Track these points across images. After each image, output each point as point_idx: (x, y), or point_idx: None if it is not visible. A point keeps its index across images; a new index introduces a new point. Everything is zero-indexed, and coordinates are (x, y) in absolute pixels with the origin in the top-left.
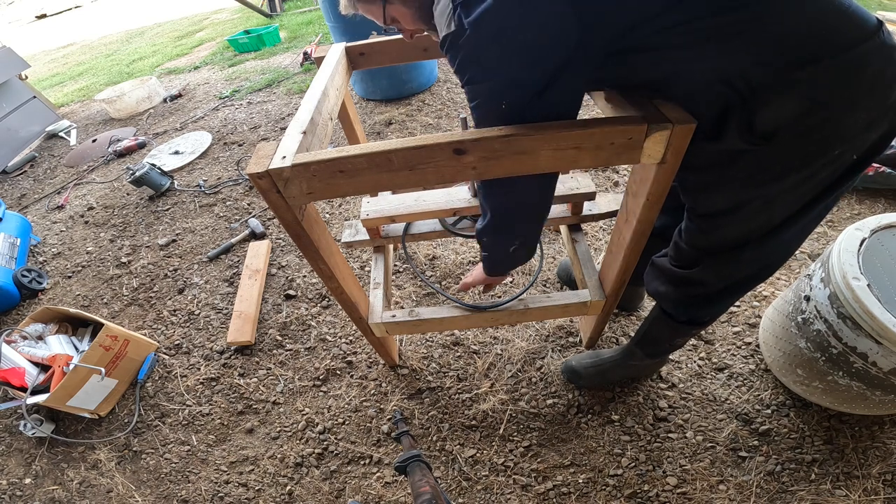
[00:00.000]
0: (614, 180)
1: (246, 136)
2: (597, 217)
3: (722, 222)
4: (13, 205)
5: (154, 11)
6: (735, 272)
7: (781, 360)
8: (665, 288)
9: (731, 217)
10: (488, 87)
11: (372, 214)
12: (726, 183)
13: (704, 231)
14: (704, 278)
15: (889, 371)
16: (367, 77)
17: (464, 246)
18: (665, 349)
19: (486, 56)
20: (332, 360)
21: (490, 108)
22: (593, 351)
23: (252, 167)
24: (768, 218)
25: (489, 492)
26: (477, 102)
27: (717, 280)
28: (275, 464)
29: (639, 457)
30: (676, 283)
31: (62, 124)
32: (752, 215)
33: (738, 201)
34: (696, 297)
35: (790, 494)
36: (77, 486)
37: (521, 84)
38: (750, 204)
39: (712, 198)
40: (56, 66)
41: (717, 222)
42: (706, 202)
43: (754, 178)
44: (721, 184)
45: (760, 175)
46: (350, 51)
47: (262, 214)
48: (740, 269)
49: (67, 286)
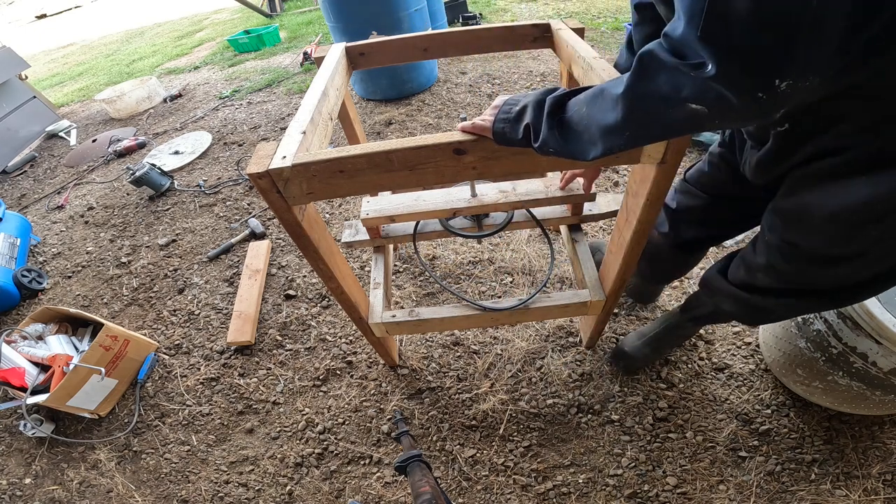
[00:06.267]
0: (614, 180)
1: (246, 136)
2: (597, 217)
3: (838, 269)
4: (13, 205)
5: (154, 11)
6: (824, 307)
7: (781, 360)
8: (729, 305)
9: (850, 263)
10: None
11: (372, 214)
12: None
13: (809, 274)
14: (777, 309)
15: (889, 371)
16: (367, 77)
17: (464, 246)
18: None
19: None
20: (332, 360)
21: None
22: (634, 332)
23: (252, 167)
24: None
25: (489, 492)
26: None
27: (794, 313)
28: (275, 464)
29: (639, 457)
30: (744, 306)
31: (62, 124)
32: (876, 264)
33: (873, 247)
34: (762, 318)
35: (790, 494)
36: (77, 486)
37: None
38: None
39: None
40: (56, 66)
41: (829, 268)
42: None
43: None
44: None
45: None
46: (350, 51)
47: (262, 214)
48: (834, 304)
49: (67, 286)
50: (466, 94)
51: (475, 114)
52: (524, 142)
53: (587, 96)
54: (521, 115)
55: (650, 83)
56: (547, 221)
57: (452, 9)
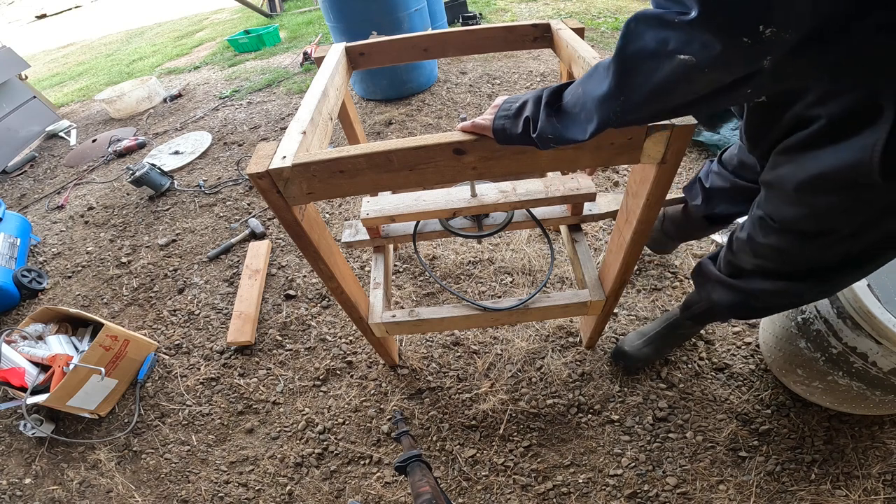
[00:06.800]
0: (614, 180)
1: (246, 136)
2: (597, 217)
3: (810, 246)
4: (13, 205)
5: (154, 11)
6: (810, 293)
7: (781, 360)
8: (720, 294)
9: (819, 240)
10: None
11: (372, 214)
12: (851, 199)
13: (785, 251)
14: (763, 295)
15: (889, 371)
16: (367, 77)
17: (463, 246)
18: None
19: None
20: (332, 360)
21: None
22: (635, 332)
23: (252, 167)
24: (860, 253)
25: (489, 492)
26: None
27: (781, 300)
28: (275, 464)
29: (639, 457)
30: (735, 292)
31: (62, 124)
32: (842, 245)
33: (839, 226)
34: (753, 307)
35: (790, 494)
36: (77, 486)
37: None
38: (849, 233)
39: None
40: (56, 66)
41: (802, 244)
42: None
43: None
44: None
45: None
46: (350, 51)
47: (262, 214)
48: (820, 287)
49: (67, 286)
50: (466, 94)
51: (475, 114)
52: (524, 136)
53: (582, 78)
54: (520, 110)
55: (638, 42)
56: (547, 221)
57: (452, 9)
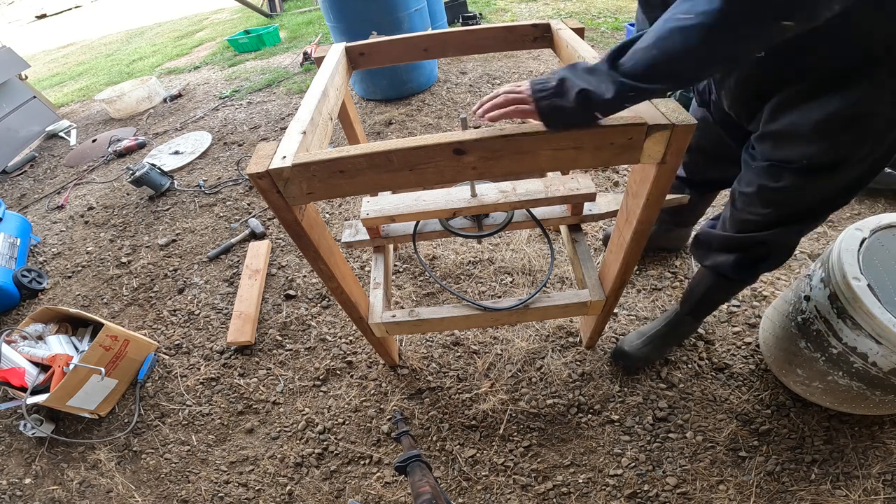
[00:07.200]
0: (614, 180)
1: (246, 136)
2: (597, 217)
3: (824, 179)
4: (13, 205)
5: (154, 11)
6: (807, 228)
7: (781, 360)
8: (725, 257)
9: (835, 172)
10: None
11: (372, 214)
12: (862, 129)
13: (800, 189)
14: (773, 239)
15: (889, 371)
16: (367, 77)
17: (463, 246)
18: (714, 308)
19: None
20: (332, 360)
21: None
22: (635, 332)
23: (252, 167)
24: (863, 173)
25: (489, 492)
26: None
27: (787, 238)
28: (275, 464)
29: (639, 457)
30: (741, 249)
31: (62, 124)
32: (853, 169)
33: (853, 153)
34: (759, 256)
35: (790, 494)
36: (77, 486)
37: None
38: (861, 157)
39: (839, 145)
40: (56, 66)
41: (816, 179)
42: (829, 151)
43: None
44: (858, 129)
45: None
46: (350, 51)
47: (262, 214)
48: (815, 222)
49: (67, 286)
50: (466, 94)
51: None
52: (578, 108)
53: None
54: (561, 85)
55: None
56: (547, 221)
57: (452, 9)
